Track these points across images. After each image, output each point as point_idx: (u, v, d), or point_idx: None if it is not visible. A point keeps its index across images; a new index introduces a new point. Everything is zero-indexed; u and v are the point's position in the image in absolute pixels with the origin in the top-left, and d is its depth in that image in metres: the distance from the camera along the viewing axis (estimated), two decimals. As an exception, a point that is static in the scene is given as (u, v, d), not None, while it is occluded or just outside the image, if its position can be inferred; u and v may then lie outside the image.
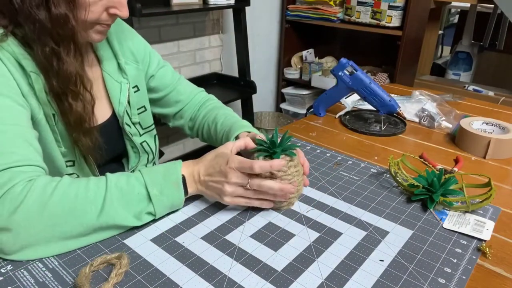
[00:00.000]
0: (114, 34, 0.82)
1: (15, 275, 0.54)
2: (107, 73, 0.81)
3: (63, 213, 0.57)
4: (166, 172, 0.65)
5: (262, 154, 0.68)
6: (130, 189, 0.61)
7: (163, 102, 0.97)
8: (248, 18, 2.21)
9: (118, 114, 0.82)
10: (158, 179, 0.64)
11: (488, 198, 0.70)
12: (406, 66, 2.23)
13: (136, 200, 0.62)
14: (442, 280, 0.55)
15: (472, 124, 1.00)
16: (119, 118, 0.83)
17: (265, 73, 2.73)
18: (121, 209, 0.60)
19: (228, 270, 0.56)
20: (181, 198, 0.66)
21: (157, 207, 0.64)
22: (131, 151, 0.88)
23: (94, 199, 0.59)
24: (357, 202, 0.74)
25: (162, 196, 0.64)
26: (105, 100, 0.82)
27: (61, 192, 0.58)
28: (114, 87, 0.81)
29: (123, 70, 0.82)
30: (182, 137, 2.41)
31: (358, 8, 2.29)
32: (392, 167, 0.79)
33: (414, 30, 2.19)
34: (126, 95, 0.82)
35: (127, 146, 0.87)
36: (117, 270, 0.53)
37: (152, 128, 0.92)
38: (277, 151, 0.68)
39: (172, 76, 0.96)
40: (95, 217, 0.58)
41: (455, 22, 3.63)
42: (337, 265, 0.58)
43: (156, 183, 0.63)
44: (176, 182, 0.65)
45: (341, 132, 1.08)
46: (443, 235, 0.65)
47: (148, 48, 0.91)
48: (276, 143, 0.68)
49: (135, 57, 0.86)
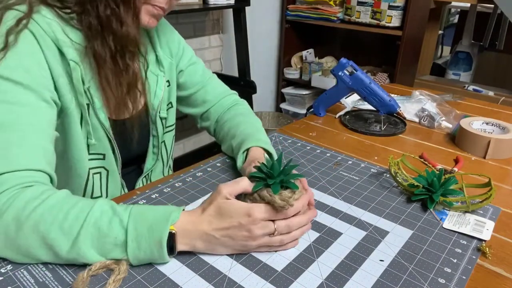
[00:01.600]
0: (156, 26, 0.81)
1: (15, 275, 0.54)
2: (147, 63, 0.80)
3: (36, 240, 0.53)
4: (153, 225, 0.55)
5: (260, 185, 0.58)
6: (108, 230, 0.54)
7: (190, 101, 0.94)
8: (248, 18, 2.21)
9: (153, 107, 0.81)
10: (142, 230, 0.55)
11: (488, 198, 0.70)
12: (406, 66, 2.23)
13: (112, 244, 0.54)
14: (442, 280, 0.55)
15: (472, 124, 1.00)
16: (153, 111, 0.82)
17: (265, 73, 2.73)
18: (93, 250, 0.54)
19: (228, 270, 0.56)
20: (162, 257, 0.55)
21: (131, 258, 0.55)
22: (151, 151, 0.86)
23: (68, 232, 0.53)
24: (357, 202, 0.74)
25: (139, 250, 0.55)
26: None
27: (39, 214, 0.54)
28: (152, 79, 0.81)
29: (161, 63, 0.82)
30: (182, 137, 2.42)
31: (358, 8, 2.29)
32: (392, 167, 0.79)
33: (414, 30, 2.19)
34: (162, 88, 0.82)
35: (149, 144, 0.85)
36: (115, 276, 0.52)
37: (173, 127, 0.91)
38: (275, 182, 0.58)
39: (203, 74, 0.93)
40: (65, 251, 0.53)
41: (455, 22, 3.63)
42: (337, 265, 0.58)
43: (138, 235, 0.54)
44: (159, 241, 0.54)
45: (341, 132, 1.08)
46: (443, 235, 0.65)
47: (182, 42, 0.91)
48: (277, 170, 0.59)
49: (170, 52, 0.86)
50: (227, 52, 2.45)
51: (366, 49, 2.63)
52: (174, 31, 0.90)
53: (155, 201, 0.72)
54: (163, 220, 0.55)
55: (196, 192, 0.76)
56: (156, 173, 0.89)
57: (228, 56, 2.45)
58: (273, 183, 0.58)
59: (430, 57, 2.51)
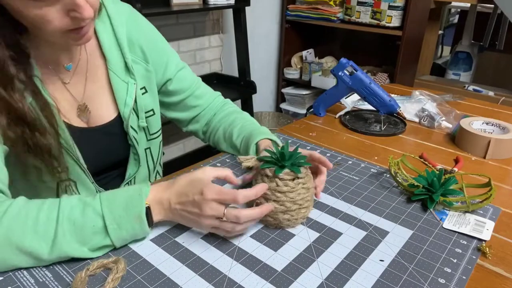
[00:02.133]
0: (125, 26, 0.78)
1: (15, 275, 0.54)
2: (113, 71, 0.76)
3: (11, 251, 0.53)
4: (128, 203, 0.58)
5: (269, 166, 0.65)
6: (84, 221, 0.56)
7: (180, 106, 0.92)
8: (248, 18, 2.21)
9: (123, 116, 0.77)
10: (118, 211, 0.57)
11: (488, 198, 0.70)
12: (406, 66, 2.23)
13: (91, 233, 0.56)
14: (442, 280, 0.55)
15: (472, 124, 1.00)
16: (124, 121, 0.78)
17: (265, 73, 2.73)
18: (74, 243, 0.55)
19: (228, 270, 0.56)
20: (144, 231, 0.60)
21: (115, 240, 0.57)
22: (132, 159, 0.82)
23: (44, 235, 0.54)
24: (357, 202, 0.74)
25: (121, 230, 0.57)
26: (109, 100, 0.78)
27: (5, 227, 0.53)
28: (120, 87, 0.77)
29: (130, 70, 0.78)
30: (182, 137, 2.41)
31: (358, 8, 2.29)
32: (392, 167, 0.79)
33: (414, 30, 2.19)
34: (133, 96, 0.78)
35: (130, 152, 0.82)
36: (113, 275, 0.53)
37: (159, 134, 0.87)
38: (286, 165, 0.64)
39: (192, 79, 0.91)
40: (47, 253, 0.54)
41: (455, 22, 3.62)
42: (337, 265, 0.58)
43: (115, 216, 0.57)
44: (139, 216, 0.58)
45: (341, 132, 1.08)
46: (443, 235, 0.65)
47: (166, 47, 0.86)
48: (286, 156, 0.65)
49: (145, 56, 0.81)
50: (227, 52, 2.45)
51: (366, 49, 2.63)
52: (153, 33, 0.85)
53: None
54: (137, 196, 0.59)
55: (196, 192, 0.76)
56: (141, 179, 0.86)
57: (228, 56, 2.45)
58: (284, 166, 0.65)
59: (430, 57, 2.51)
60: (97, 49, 0.76)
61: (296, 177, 0.65)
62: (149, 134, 0.84)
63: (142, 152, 0.83)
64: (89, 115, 0.75)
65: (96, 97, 0.76)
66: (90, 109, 0.75)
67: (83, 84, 0.75)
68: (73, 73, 0.73)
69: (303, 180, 0.65)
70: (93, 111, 0.76)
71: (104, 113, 0.77)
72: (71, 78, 0.73)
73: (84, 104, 0.74)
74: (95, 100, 0.76)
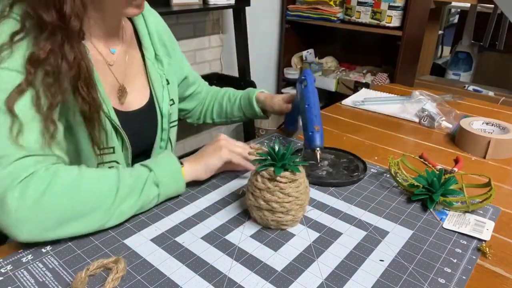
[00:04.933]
0: (154, 24, 0.86)
1: (15, 275, 0.54)
2: (148, 58, 0.83)
3: (89, 194, 0.60)
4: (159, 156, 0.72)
5: (259, 160, 0.65)
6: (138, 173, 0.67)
7: (191, 97, 1.03)
8: (248, 18, 2.21)
9: (158, 100, 0.84)
10: (152, 159, 0.72)
11: (488, 198, 0.70)
12: (406, 66, 2.23)
13: (142, 171, 0.67)
14: (442, 280, 0.55)
15: (472, 124, 1.00)
16: (160, 105, 0.84)
17: (265, 73, 2.72)
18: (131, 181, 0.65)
19: (228, 270, 0.56)
20: (176, 164, 0.71)
21: (157, 172, 0.67)
22: (158, 145, 0.88)
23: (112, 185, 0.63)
24: (357, 202, 0.74)
25: (157, 166, 0.69)
26: (144, 87, 0.84)
27: (88, 175, 0.62)
28: (156, 75, 0.84)
29: (160, 61, 0.85)
30: (182, 137, 2.42)
31: (358, 8, 2.29)
32: (392, 167, 0.79)
33: (414, 30, 2.18)
34: (164, 84, 0.85)
35: (157, 138, 0.87)
36: (113, 275, 0.53)
37: (177, 123, 0.93)
38: (278, 165, 0.63)
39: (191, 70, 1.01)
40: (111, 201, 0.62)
41: (455, 22, 3.62)
42: (337, 265, 0.58)
43: (151, 161, 0.70)
44: (168, 154, 0.72)
45: (341, 132, 1.08)
46: (443, 235, 0.65)
47: (177, 47, 0.95)
48: (279, 155, 0.64)
49: (168, 51, 0.88)
50: (227, 52, 2.45)
51: (366, 49, 2.63)
52: (170, 32, 0.94)
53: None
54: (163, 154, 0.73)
55: (197, 192, 0.76)
56: None
57: (228, 56, 2.45)
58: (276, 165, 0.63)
59: (430, 57, 2.51)
60: (134, 39, 0.84)
61: (274, 179, 0.62)
62: (170, 122, 0.89)
63: (167, 138, 0.89)
64: (126, 100, 0.80)
65: (133, 83, 0.82)
66: (128, 93, 0.80)
67: (124, 68, 0.80)
68: (116, 57, 0.79)
69: (283, 185, 0.62)
70: (130, 96, 0.80)
71: (138, 99, 0.82)
72: (115, 61, 0.78)
73: (124, 86, 0.79)
74: (132, 85, 0.81)
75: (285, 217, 0.64)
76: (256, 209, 0.65)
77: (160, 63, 0.85)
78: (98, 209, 0.61)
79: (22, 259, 0.57)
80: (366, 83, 2.32)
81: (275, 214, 0.63)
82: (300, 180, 0.64)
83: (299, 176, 0.64)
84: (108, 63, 0.77)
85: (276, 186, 0.62)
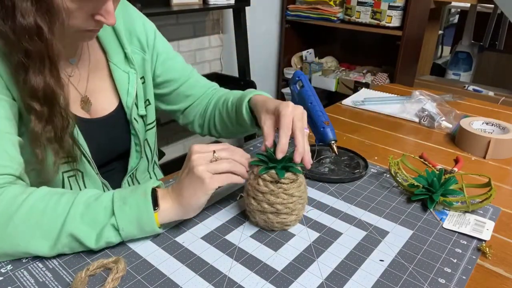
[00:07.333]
0: (121, 19, 0.79)
1: (15, 275, 0.54)
2: (114, 63, 0.78)
3: (28, 228, 0.55)
4: (137, 186, 0.61)
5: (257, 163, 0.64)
6: (97, 204, 0.58)
7: (171, 98, 0.92)
8: (248, 18, 2.21)
9: (126, 106, 0.79)
10: (127, 192, 0.60)
11: (488, 198, 0.70)
12: (406, 66, 2.23)
13: (102, 214, 0.58)
14: (442, 280, 0.55)
15: (472, 124, 1.00)
16: (127, 110, 0.79)
17: (265, 73, 2.73)
18: (84, 225, 0.56)
19: (228, 270, 0.56)
20: (148, 209, 0.58)
21: (119, 218, 0.57)
22: (134, 149, 0.83)
23: (61, 213, 0.56)
24: (357, 202, 0.74)
25: (125, 206, 0.58)
26: (110, 92, 0.79)
27: (30, 204, 0.55)
28: (122, 78, 0.79)
29: (130, 60, 0.79)
30: (182, 137, 2.41)
31: (358, 8, 2.29)
32: (392, 167, 0.79)
33: (414, 30, 2.19)
34: (135, 85, 0.80)
35: (132, 143, 0.83)
36: (113, 275, 0.53)
37: (154, 125, 0.88)
38: (279, 166, 0.63)
39: (183, 69, 0.91)
40: (58, 228, 0.56)
41: (455, 22, 3.63)
42: (337, 265, 0.58)
43: (122, 196, 0.59)
44: (144, 192, 0.59)
45: (341, 132, 1.08)
46: (443, 235, 0.65)
47: (158, 36, 0.87)
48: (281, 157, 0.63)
49: (141, 45, 0.82)
50: (227, 52, 2.45)
51: (366, 49, 2.63)
52: (145, 22, 0.85)
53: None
54: (145, 183, 0.62)
55: (196, 192, 0.76)
56: (141, 171, 0.88)
57: (228, 56, 2.45)
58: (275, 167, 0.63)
59: (430, 57, 2.51)
60: (96, 43, 0.78)
61: (277, 181, 0.62)
62: (146, 124, 0.85)
63: (143, 142, 0.85)
64: (91, 108, 0.77)
65: (98, 90, 0.78)
66: (92, 102, 0.77)
67: (86, 77, 0.77)
68: (76, 67, 0.75)
69: (286, 186, 0.62)
70: (95, 104, 0.77)
71: (106, 105, 0.79)
72: (74, 71, 0.75)
73: (87, 97, 0.76)
74: (98, 92, 0.78)
75: (289, 218, 0.64)
76: (259, 213, 0.64)
77: (130, 61, 0.79)
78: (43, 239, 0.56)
79: (22, 259, 0.57)
80: (366, 83, 2.32)
81: (279, 216, 0.63)
82: (300, 179, 0.65)
83: (299, 175, 0.64)
84: (67, 74, 0.73)
85: (280, 187, 0.62)
